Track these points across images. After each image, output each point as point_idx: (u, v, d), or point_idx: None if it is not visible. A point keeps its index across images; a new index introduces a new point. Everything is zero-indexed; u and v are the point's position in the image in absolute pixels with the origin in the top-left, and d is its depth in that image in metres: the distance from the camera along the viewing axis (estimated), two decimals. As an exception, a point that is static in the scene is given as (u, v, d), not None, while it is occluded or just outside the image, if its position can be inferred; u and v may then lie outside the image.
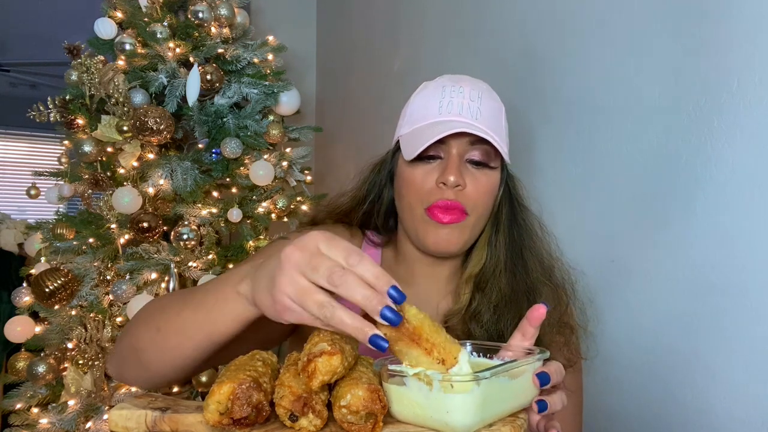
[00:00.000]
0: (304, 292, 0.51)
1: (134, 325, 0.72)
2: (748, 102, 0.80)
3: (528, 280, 0.86)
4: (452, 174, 0.80)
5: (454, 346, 0.53)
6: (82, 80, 1.57)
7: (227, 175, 1.66)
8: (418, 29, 1.78)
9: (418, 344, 0.52)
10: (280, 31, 2.03)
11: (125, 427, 0.53)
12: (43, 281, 1.47)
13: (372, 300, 0.49)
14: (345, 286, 0.50)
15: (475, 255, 0.89)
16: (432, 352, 0.52)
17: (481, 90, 0.86)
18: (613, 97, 1.04)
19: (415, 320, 0.52)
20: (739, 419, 0.81)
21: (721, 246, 0.84)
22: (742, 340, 0.81)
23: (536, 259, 0.89)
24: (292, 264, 0.52)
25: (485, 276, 0.87)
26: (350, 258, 0.51)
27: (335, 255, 0.52)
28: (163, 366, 0.67)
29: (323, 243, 0.52)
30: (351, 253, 0.52)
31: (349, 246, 0.53)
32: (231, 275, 0.63)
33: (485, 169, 0.84)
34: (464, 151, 0.83)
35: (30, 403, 1.55)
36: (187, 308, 0.65)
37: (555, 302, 0.87)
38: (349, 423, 0.50)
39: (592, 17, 1.09)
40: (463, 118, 0.82)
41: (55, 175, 1.67)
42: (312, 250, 0.52)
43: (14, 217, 3.33)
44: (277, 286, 0.52)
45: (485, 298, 0.85)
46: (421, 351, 0.52)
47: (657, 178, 0.95)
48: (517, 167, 0.95)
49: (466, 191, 0.82)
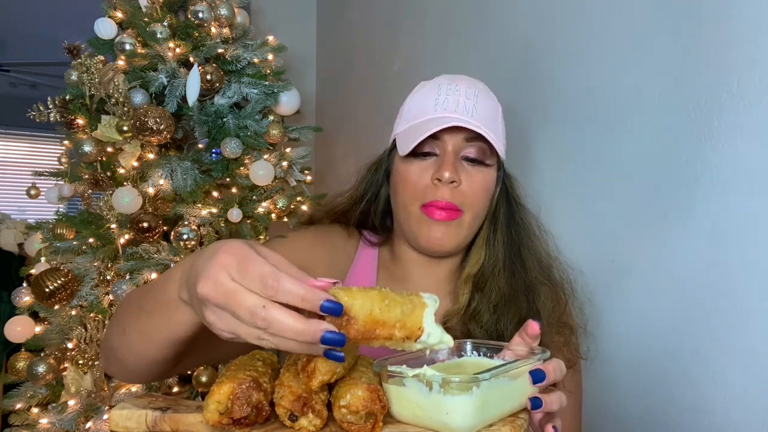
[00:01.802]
0: (229, 294, 0.46)
1: (110, 323, 0.72)
2: (748, 102, 0.80)
3: (527, 279, 0.86)
4: (447, 170, 0.80)
5: (413, 316, 0.48)
6: (82, 80, 1.57)
7: (227, 175, 1.66)
8: (418, 29, 1.77)
9: (376, 339, 0.48)
10: (280, 31, 2.03)
11: (126, 426, 0.53)
12: (43, 281, 1.47)
13: (307, 334, 0.44)
14: (268, 325, 0.44)
15: (473, 254, 0.89)
16: (392, 337, 0.48)
17: (477, 89, 0.86)
18: (613, 97, 1.04)
19: (361, 313, 0.47)
20: (738, 419, 0.81)
21: (720, 246, 0.84)
22: (742, 340, 0.81)
23: (535, 257, 0.89)
24: (219, 264, 0.47)
25: (484, 275, 0.86)
26: (266, 279, 0.45)
27: (249, 278, 0.46)
28: (138, 365, 0.66)
29: (231, 259, 0.47)
30: (265, 274, 0.46)
31: (265, 265, 0.46)
32: (171, 278, 0.58)
33: (481, 167, 0.84)
34: (460, 148, 0.83)
35: (30, 403, 1.55)
36: (143, 313, 0.62)
37: (554, 302, 0.87)
38: (348, 423, 0.50)
39: (592, 17, 1.09)
40: (459, 114, 0.82)
41: (55, 175, 1.67)
42: (227, 266, 0.47)
43: (14, 217, 3.33)
44: (199, 287, 0.47)
45: (484, 297, 0.85)
46: (381, 341, 0.48)
47: (657, 178, 0.95)
48: (517, 167, 0.95)
49: (462, 188, 0.82)
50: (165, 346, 0.62)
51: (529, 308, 0.84)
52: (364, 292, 0.48)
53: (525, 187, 0.94)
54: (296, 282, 0.46)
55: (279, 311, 0.45)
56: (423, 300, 0.50)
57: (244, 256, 0.47)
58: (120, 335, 0.66)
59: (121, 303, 0.73)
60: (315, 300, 0.45)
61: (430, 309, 0.49)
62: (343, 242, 0.93)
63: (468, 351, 0.65)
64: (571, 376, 0.85)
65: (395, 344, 0.49)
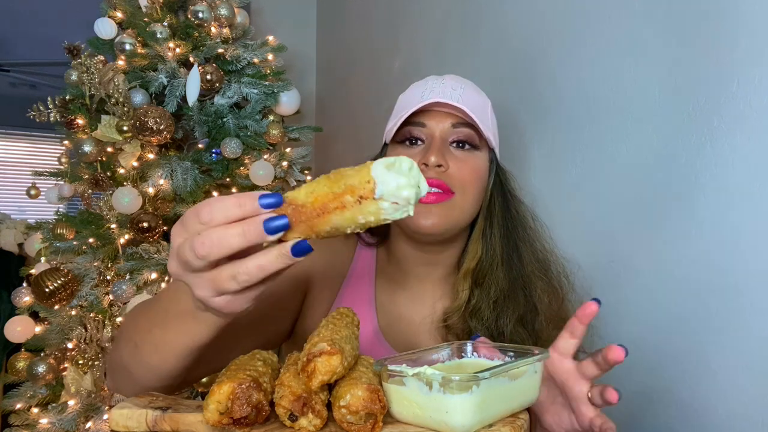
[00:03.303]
0: (180, 252, 0.46)
1: (117, 339, 0.70)
2: (748, 102, 0.80)
3: (524, 272, 0.86)
4: (433, 154, 0.80)
5: (360, 175, 0.43)
6: (82, 80, 1.57)
7: (227, 175, 1.66)
8: (418, 29, 1.78)
9: (329, 213, 0.44)
10: (280, 31, 2.03)
11: (126, 426, 0.53)
12: (43, 281, 1.47)
13: (250, 230, 0.44)
14: (211, 247, 0.44)
15: (470, 249, 0.88)
16: (346, 205, 0.43)
17: (464, 83, 0.88)
18: (613, 96, 1.04)
19: (310, 197, 0.44)
20: (739, 419, 0.81)
21: (720, 246, 0.84)
22: (742, 339, 0.81)
23: (531, 250, 0.89)
24: (174, 240, 0.48)
25: (482, 270, 0.86)
26: (201, 216, 0.45)
27: (192, 227, 0.46)
28: (150, 378, 0.63)
29: (178, 226, 0.48)
30: (200, 211, 0.45)
31: (198, 206, 0.46)
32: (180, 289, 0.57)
33: (470, 151, 0.85)
34: (447, 134, 0.84)
35: (30, 403, 1.55)
36: (156, 327, 0.61)
37: (551, 296, 0.87)
38: (348, 423, 0.50)
39: (591, 17, 1.09)
40: (445, 99, 0.83)
41: (55, 175, 1.67)
42: (176, 235, 0.48)
43: (14, 217, 3.33)
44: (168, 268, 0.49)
45: (484, 293, 0.85)
46: (336, 215, 0.44)
47: (657, 178, 0.95)
48: (517, 167, 0.95)
49: (450, 172, 0.82)
50: (183, 356, 0.60)
51: (527, 303, 0.84)
52: (311, 182, 0.45)
53: (525, 187, 0.94)
54: (227, 198, 0.45)
55: (215, 229, 0.44)
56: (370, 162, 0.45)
57: (184, 218, 0.48)
58: (132, 350, 0.64)
59: (125, 320, 0.71)
60: (251, 200, 0.44)
61: (378, 162, 0.44)
62: (340, 244, 0.94)
63: (468, 352, 0.64)
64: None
65: (355, 214, 0.43)
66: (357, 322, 0.61)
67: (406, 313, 0.91)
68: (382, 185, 0.42)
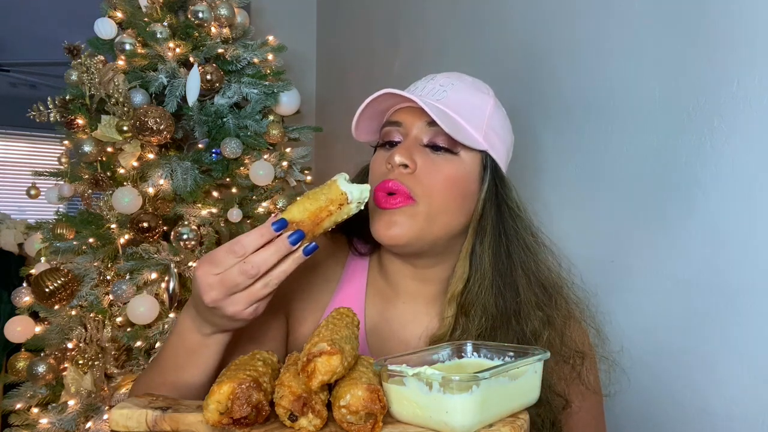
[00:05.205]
0: (222, 281, 0.60)
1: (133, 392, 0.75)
2: (748, 102, 0.80)
3: (518, 300, 0.76)
4: (397, 153, 0.74)
5: (333, 190, 0.63)
6: (82, 80, 1.57)
7: (227, 175, 1.65)
8: (418, 29, 1.78)
9: (322, 220, 0.63)
10: (280, 31, 2.03)
11: (126, 426, 0.53)
12: (43, 281, 1.47)
13: (281, 247, 0.60)
14: (259, 266, 0.60)
15: (457, 269, 0.79)
16: (332, 213, 0.63)
17: (460, 82, 0.81)
18: (613, 97, 1.04)
19: (305, 213, 0.62)
20: (739, 419, 0.81)
21: (720, 246, 0.84)
22: (741, 340, 0.81)
23: (528, 275, 0.77)
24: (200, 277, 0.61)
25: (470, 296, 0.76)
26: (237, 251, 0.60)
27: (227, 262, 0.61)
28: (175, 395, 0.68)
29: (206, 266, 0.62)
30: (233, 249, 0.60)
31: (228, 245, 0.61)
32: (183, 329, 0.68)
33: (447, 155, 0.76)
34: (422, 133, 0.76)
35: (30, 403, 1.55)
36: (169, 374, 0.69)
37: (548, 327, 0.77)
38: (348, 423, 0.50)
39: (592, 17, 1.09)
40: (421, 96, 0.76)
41: (55, 175, 1.67)
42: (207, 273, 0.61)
43: (14, 217, 3.33)
44: (205, 300, 0.61)
45: (470, 323, 0.75)
46: (326, 220, 0.63)
47: (657, 178, 0.95)
48: (517, 167, 0.95)
49: (418, 175, 0.74)
50: (205, 375, 0.69)
51: (522, 335, 0.75)
52: (295, 204, 0.63)
53: (524, 188, 0.92)
54: (249, 233, 0.61)
55: (255, 255, 0.60)
56: (333, 179, 0.64)
57: (208, 257, 0.62)
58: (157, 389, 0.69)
59: (134, 387, 0.76)
60: (267, 229, 0.61)
61: (340, 178, 0.64)
62: (326, 257, 0.86)
63: (468, 353, 0.64)
64: (591, 402, 0.82)
65: (338, 217, 0.64)
66: (357, 323, 0.61)
67: (398, 332, 0.83)
68: (351, 194, 0.64)
